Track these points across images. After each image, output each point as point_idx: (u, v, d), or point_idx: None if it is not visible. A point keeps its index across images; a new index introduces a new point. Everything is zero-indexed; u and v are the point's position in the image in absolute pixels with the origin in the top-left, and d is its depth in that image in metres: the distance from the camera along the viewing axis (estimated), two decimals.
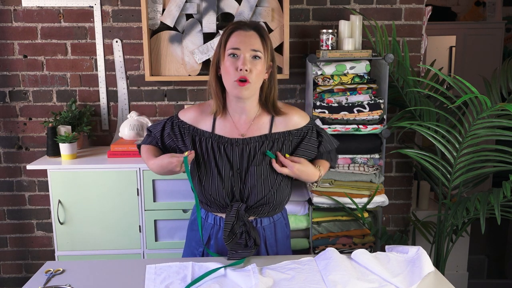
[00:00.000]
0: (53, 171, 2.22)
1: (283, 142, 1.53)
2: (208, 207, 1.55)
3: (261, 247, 1.56)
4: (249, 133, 1.52)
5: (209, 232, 1.56)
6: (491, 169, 2.27)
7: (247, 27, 1.45)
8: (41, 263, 2.69)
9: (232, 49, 1.42)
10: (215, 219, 1.55)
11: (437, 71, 2.15)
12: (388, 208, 2.73)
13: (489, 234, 4.11)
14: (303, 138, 1.56)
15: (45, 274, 1.39)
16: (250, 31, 1.44)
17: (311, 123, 1.59)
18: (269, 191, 1.48)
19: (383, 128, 2.25)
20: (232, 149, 1.50)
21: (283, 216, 1.63)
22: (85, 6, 2.51)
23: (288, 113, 1.55)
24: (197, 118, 1.55)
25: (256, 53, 1.42)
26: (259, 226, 1.55)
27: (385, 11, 2.57)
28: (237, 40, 1.42)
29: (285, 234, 1.64)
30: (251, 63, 1.42)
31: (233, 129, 1.52)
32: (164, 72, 2.54)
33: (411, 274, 1.35)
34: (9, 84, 2.58)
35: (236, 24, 1.47)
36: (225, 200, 1.49)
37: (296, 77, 2.60)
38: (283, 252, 1.62)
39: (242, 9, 2.47)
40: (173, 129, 1.57)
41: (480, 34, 4.36)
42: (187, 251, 1.65)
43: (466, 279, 2.91)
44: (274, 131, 1.53)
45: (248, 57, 1.42)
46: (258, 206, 1.50)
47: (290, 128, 1.54)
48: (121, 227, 2.27)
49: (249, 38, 1.43)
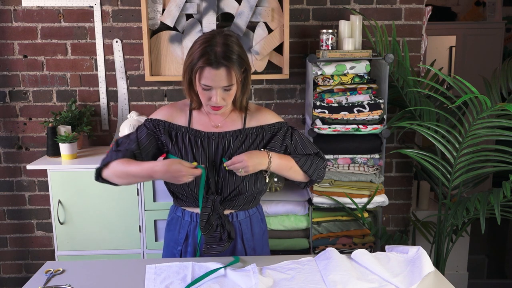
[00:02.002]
0: (53, 171, 2.22)
1: (256, 136, 1.56)
2: (184, 203, 1.57)
3: (237, 241, 1.58)
4: (224, 125, 1.55)
5: (187, 230, 1.58)
6: (491, 169, 2.27)
7: (216, 64, 1.40)
8: (41, 263, 2.69)
9: (204, 85, 1.44)
10: (191, 215, 1.57)
11: (437, 71, 2.15)
12: (388, 208, 2.73)
13: (489, 234, 4.11)
14: (274, 134, 1.58)
15: (45, 274, 1.39)
16: (221, 68, 1.40)
17: (286, 123, 1.61)
18: (241, 182, 1.50)
19: (383, 128, 2.25)
20: (209, 143, 1.53)
21: (258, 211, 1.65)
22: (85, 6, 2.51)
23: (261, 110, 1.61)
24: (171, 114, 1.57)
25: (227, 87, 1.44)
26: (235, 221, 1.57)
27: (385, 11, 2.57)
28: (209, 78, 1.41)
29: (262, 229, 1.66)
30: (223, 94, 1.45)
31: (208, 121, 1.56)
32: (164, 72, 2.54)
33: (411, 274, 1.35)
34: (9, 84, 2.58)
35: (206, 59, 1.40)
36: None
37: (296, 77, 2.60)
38: (260, 248, 1.63)
39: (242, 9, 2.47)
40: (148, 129, 1.55)
41: (480, 34, 4.36)
42: (166, 251, 1.66)
43: (466, 279, 2.91)
44: (247, 126, 1.56)
45: (220, 92, 1.44)
46: (232, 198, 1.53)
47: (262, 123, 1.57)
48: (121, 227, 2.27)
49: (219, 76, 1.41)
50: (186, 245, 1.59)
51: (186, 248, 1.59)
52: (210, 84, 1.42)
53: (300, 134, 1.63)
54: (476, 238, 3.16)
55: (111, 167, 1.49)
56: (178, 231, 1.60)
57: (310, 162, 1.59)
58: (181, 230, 1.59)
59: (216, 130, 1.54)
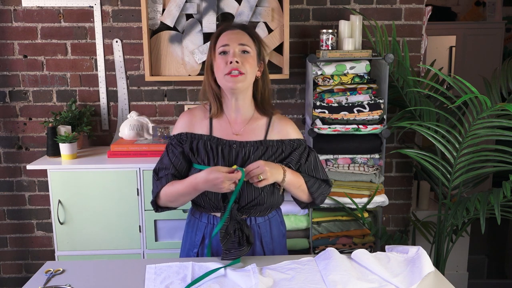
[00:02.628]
0: (53, 171, 2.22)
1: (276, 150, 1.55)
2: (202, 209, 1.56)
3: (256, 245, 1.56)
4: (244, 133, 1.54)
5: (203, 232, 1.57)
6: (491, 169, 2.27)
7: (233, 26, 1.53)
8: (41, 263, 2.69)
9: (222, 46, 1.48)
10: (208, 217, 1.56)
11: (437, 71, 2.15)
12: (388, 208, 2.73)
13: (489, 234, 4.11)
14: (293, 150, 1.57)
15: (45, 274, 1.39)
16: (237, 30, 1.52)
17: (304, 141, 1.61)
18: (259, 193, 1.49)
19: (383, 128, 2.25)
20: (229, 151, 1.51)
21: (278, 214, 1.64)
22: (85, 6, 2.51)
23: (285, 122, 1.59)
24: (191, 123, 1.56)
25: (244, 47, 1.48)
26: (254, 224, 1.55)
27: (385, 11, 2.57)
28: (225, 38, 1.49)
29: (281, 232, 1.65)
30: (241, 57, 1.47)
31: (229, 128, 1.54)
32: (164, 72, 2.54)
33: (411, 274, 1.35)
34: (9, 84, 2.58)
35: (224, 25, 1.54)
36: (219, 201, 1.49)
37: (296, 77, 2.60)
38: (279, 251, 1.62)
39: (242, 9, 2.47)
40: (175, 147, 1.54)
41: (480, 34, 4.36)
42: (183, 253, 1.66)
43: (466, 279, 2.91)
44: (269, 138, 1.55)
45: (238, 51, 1.48)
46: (250, 207, 1.51)
47: (283, 137, 1.56)
48: (121, 227, 2.27)
49: (236, 34, 1.50)
50: (202, 247, 1.57)
51: (202, 250, 1.57)
52: (226, 42, 1.47)
53: (316, 157, 1.62)
54: (476, 238, 3.16)
55: (161, 196, 1.52)
56: (195, 233, 1.58)
57: (317, 186, 1.58)
58: (198, 232, 1.58)
59: (237, 138, 1.53)
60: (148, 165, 2.20)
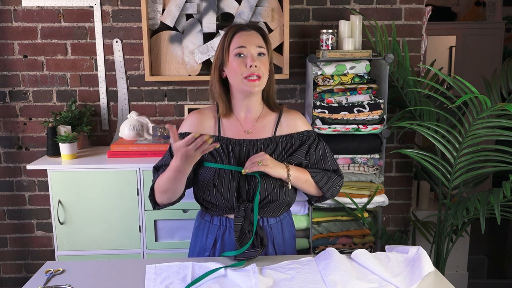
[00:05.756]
0: (53, 171, 2.22)
1: (286, 144, 1.55)
2: (213, 212, 1.55)
3: (268, 246, 1.56)
4: (254, 131, 1.54)
5: (215, 235, 1.55)
6: (491, 169, 2.27)
7: (248, 27, 1.51)
8: (41, 263, 2.69)
9: (238, 48, 1.46)
10: (220, 220, 1.55)
11: (437, 71, 2.15)
12: (388, 208, 2.73)
13: (489, 234, 4.11)
14: (302, 143, 1.57)
15: (45, 274, 1.39)
16: (252, 31, 1.51)
17: (314, 132, 1.61)
18: (272, 189, 1.49)
19: (383, 128, 2.25)
20: (240, 150, 1.52)
21: (288, 216, 1.65)
22: (85, 6, 2.51)
23: (292, 115, 1.60)
24: (200, 123, 1.55)
25: (261, 49, 1.48)
26: (266, 225, 1.55)
27: (385, 11, 2.57)
28: (241, 40, 1.48)
29: (292, 234, 1.65)
30: (258, 60, 1.47)
31: (239, 127, 1.55)
32: (164, 72, 2.54)
33: (411, 274, 1.35)
34: (9, 84, 2.58)
35: (237, 26, 1.53)
36: (234, 201, 1.48)
37: (296, 77, 2.60)
38: (290, 252, 1.62)
39: (242, 9, 2.47)
40: None
41: (480, 34, 4.36)
42: (192, 257, 1.64)
43: (466, 279, 2.91)
44: (278, 133, 1.56)
45: (255, 54, 1.47)
46: (264, 205, 1.51)
47: (292, 131, 1.57)
48: (121, 227, 2.27)
49: (252, 36, 1.49)
50: (214, 251, 1.56)
51: (214, 253, 1.56)
52: (243, 43, 1.46)
53: (325, 146, 1.61)
54: (476, 238, 3.16)
55: (155, 189, 1.51)
56: (206, 236, 1.56)
57: (326, 179, 1.57)
58: (209, 235, 1.56)
59: (247, 137, 1.53)
60: (148, 165, 2.20)
